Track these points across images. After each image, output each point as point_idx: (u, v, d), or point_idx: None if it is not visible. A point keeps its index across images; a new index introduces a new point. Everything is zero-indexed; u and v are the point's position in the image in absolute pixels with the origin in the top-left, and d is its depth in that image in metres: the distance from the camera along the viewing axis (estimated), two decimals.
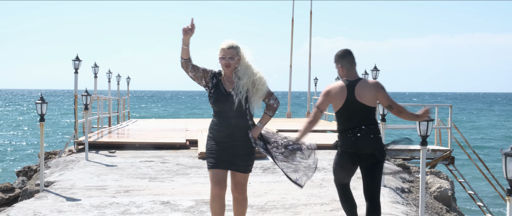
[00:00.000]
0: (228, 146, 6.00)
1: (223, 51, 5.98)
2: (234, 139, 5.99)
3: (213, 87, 6.00)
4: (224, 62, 5.97)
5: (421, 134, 7.57)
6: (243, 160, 6.02)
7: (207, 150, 6.09)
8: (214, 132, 6.04)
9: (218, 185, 5.97)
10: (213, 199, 6.03)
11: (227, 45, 5.98)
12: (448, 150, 16.63)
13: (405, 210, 9.05)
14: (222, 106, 5.96)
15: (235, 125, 5.95)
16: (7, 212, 8.71)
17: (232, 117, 5.94)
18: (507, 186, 4.95)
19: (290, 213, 8.59)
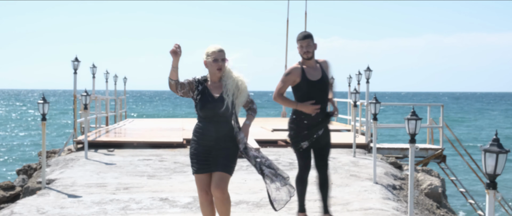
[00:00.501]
0: (213, 149, 6.08)
1: (215, 54, 6.06)
2: (220, 143, 6.07)
3: (199, 94, 6.08)
4: (218, 65, 6.06)
5: (410, 132, 7.88)
6: (225, 160, 6.07)
7: (191, 155, 6.19)
8: (200, 136, 6.10)
9: (203, 191, 6.13)
10: (202, 204, 6.20)
11: (218, 49, 6.08)
12: (440, 148, 16.96)
13: (396, 206, 9.37)
14: (209, 112, 6.05)
15: (222, 130, 6.06)
16: (11, 208, 9.02)
17: (220, 122, 6.04)
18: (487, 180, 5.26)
19: (285, 209, 8.88)
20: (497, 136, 5.07)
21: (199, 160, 6.10)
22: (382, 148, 16.61)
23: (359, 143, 15.80)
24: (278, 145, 16.50)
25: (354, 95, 15.42)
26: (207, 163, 6.07)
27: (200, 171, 6.09)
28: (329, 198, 7.64)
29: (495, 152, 4.93)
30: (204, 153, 6.07)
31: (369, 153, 15.48)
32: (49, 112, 11.24)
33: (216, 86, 6.14)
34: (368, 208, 8.97)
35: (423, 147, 17.11)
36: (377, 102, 11.11)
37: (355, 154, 14.61)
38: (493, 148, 4.95)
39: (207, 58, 6.10)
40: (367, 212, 8.72)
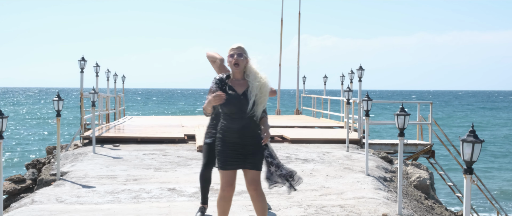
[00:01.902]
0: (239, 146, 6.19)
1: (232, 50, 6.30)
2: (245, 139, 6.20)
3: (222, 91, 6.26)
4: (233, 60, 6.26)
5: (399, 126, 8.65)
6: (253, 158, 6.21)
7: (217, 151, 6.28)
8: (225, 133, 6.23)
9: (230, 186, 6.26)
10: (224, 198, 6.30)
11: (236, 45, 6.31)
12: (429, 144, 17.75)
13: (387, 195, 10.15)
14: (234, 108, 6.19)
15: (247, 126, 6.21)
16: (31, 197, 9.75)
17: (244, 118, 6.19)
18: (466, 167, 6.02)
19: (284, 198, 9.64)
20: (474, 128, 5.84)
21: (226, 157, 6.21)
22: (374, 143, 17.38)
23: (351, 138, 16.57)
24: (275, 141, 17.25)
25: (347, 93, 16.17)
26: (235, 160, 6.21)
27: (227, 167, 6.22)
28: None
29: (471, 142, 5.70)
30: (230, 149, 6.20)
31: (361, 148, 16.26)
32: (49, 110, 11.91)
33: (240, 83, 6.31)
34: (361, 197, 9.74)
35: (412, 142, 17.90)
36: (369, 99, 11.87)
37: (348, 149, 15.40)
38: (470, 138, 5.71)
39: (228, 55, 6.36)
40: (360, 200, 9.48)
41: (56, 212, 8.60)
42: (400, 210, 8.76)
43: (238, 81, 6.34)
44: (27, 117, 70.13)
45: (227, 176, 6.23)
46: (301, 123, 22.65)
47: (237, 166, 6.23)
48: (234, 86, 6.29)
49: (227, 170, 6.22)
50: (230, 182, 6.25)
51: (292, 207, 8.92)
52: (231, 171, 6.23)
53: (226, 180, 6.24)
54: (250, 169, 6.22)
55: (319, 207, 8.95)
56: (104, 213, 8.52)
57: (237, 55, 6.28)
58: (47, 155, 16.64)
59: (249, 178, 6.24)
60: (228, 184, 6.25)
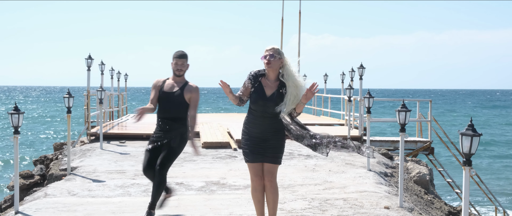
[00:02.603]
0: (261, 140, 6.61)
1: (266, 51, 6.57)
2: (266, 135, 6.61)
3: (253, 88, 6.59)
4: (266, 59, 6.53)
5: (400, 122, 8.97)
6: (272, 151, 6.61)
7: (243, 145, 6.73)
8: (249, 128, 6.67)
9: (258, 177, 6.69)
10: (255, 189, 6.73)
11: (270, 47, 6.59)
12: (428, 141, 18.08)
13: (388, 189, 10.48)
14: (260, 108, 6.56)
15: (270, 124, 6.62)
16: (45, 191, 10.08)
17: (268, 117, 6.59)
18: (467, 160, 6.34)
19: (289, 192, 9.97)
20: (472, 122, 6.17)
21: (251, 150, 6.64)
22: (374, 140, 17.70)
23: (352, 135, 16.89)
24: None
25: (348, 91, 16.50)
26: (259, 153, 6.63)
27: (253, 160, 6.66)
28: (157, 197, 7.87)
29: (470, 135, 6.02)
30: (255, 143, 6.62)
31: (362, 145, 16.56)
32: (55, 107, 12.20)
33: (271, 85, 6.59)
34: (363, 190, 10.08)
35: (412, 139, 18.23)
36: (370, 97, 12.19)
37: None
38: (468, 132, 6.04)
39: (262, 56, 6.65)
40: (362, 194, 9.81)
41: (70, 204, 8.92)
42: (401, 203, 9.08)
43: (270, 81, 6.61)
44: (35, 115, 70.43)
45: (254, 168, 6.71)
46: (302, 120, 22.86)
47: (260, 159, 6.66)
48: (264, 86, 6.60)
49: (252, 163, 6.68)
50: (257, 173, 6.71)
51: (297, 200, 9.24)
52: (257, 164, 6.68)
53: (254, 172, 6.73)
54: (269, 162, 6.66)
55: (323, 200, 9.28)
56: (115, 205, 8.84)
57: (269, 56, 6.53)
58: (54, 152, 16.95)
59: (266, 170, 6.68)
60: (256, 175, 6.72)
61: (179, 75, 7.76)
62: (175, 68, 7.73)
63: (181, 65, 7.71)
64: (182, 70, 7.74)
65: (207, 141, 15.32)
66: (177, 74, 7.76)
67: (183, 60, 7.73)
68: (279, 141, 6.68)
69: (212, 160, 13.35)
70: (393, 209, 8.77)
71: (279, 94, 6.54)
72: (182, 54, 7.73)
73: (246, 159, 6.75)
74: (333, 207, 8.77)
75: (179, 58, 7.71)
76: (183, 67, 7.74)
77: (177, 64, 7.71)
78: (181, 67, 7.72)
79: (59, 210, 8.59)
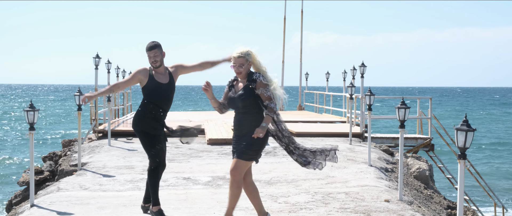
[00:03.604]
0: (238, 137, 6.98)
1: (234, 60, 6.92)
2: (242, 132, 6.96)
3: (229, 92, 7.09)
4: (235, 70, 6.95)
5: (400, 118, 9.34)
6: (243, 147, 6.87)
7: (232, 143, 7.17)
8: (233, 126, 7.12)
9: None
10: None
11: (237, 54, 6.89)
12: (428, 138, 18.45)
13: (388, 184, 10.85)
14: (232, 106, 7.04)
15: (243, 120, 6.96)
16: (57, 185, 10.46)
17: (242, 113, 6.96)
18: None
19: (292, 186, 10.35)
20: (466, 118, 6.54)
21: (232, 146, 7.12)
22: (375, 137, 18.07)
23: (353, 132, 17.26)
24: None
25: (350, 89, 16.86)
26: (234, 149, 7.04)
27: (233, 155, 7.05)
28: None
29: (464, 130, 6.39)
30: (235, 140, 7.03)
31: (363, 141, 16.95)
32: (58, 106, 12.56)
33: (241, 83, 7.02)
34: (364, 185, 10.45)
35: (412, 136, 18.60)
36: (371, 94, 12.57)
37: (351, 142, 16.11)
38: (463, 127, 6.41)
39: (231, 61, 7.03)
40: (363, 188, 10.18)
41: (83, 198, 9.31)
42: (400, 197, 9.46)
43: (243, 81, 7.03)
44: None
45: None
46: (304, 118, 23.34)
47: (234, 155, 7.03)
48: (235, 86, 7.06)
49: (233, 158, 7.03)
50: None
51: (300, 194, 9.61)
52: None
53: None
54: (235, 157, 6.97)
55: (325, 194, 9.65)
56: (126, 199, 9.22)
57: (238, 66, 6.91)
58: (62, 148, 17.33)
59: (232, 164, 6.97)
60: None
61: (157, 66, 7.65)
62: (151, 61, 7.65)
63: (154, 56, 7.60)
64: (157, 61, 7.62)
65: (212, 137, 15.70)
66: (154, 66, 7.67)
67: (155, 51, 7.60)
68: (252, 138, 6.84)
69: (218, 156, 13.72)
70: (393, 202, 9.13)
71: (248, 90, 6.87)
72: (152, 46, 7.61)
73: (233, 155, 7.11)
74: (335, 200, 9.14)
75: (150, 51, 7.61)
76: (157, 57, 7.61)
77: (150, 56, 7.62)
78: (155, 58, 7.61)
79: (73, 203, 8.97)
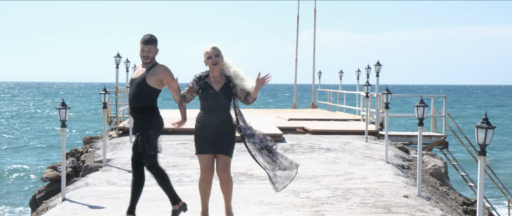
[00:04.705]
0: (215, 134, 7.05)
1: (208, 53, 7.01)
2: (221, 130, 7.06)
3: (201, 89, 7.04)
4: (212, 60, 7.00)
5: (418, 116, 9.62)
6: (227, 145, 7.08)
7: (196, 138, 7.17)
8: (204, 123, 7.07)
9: (209, 169, 7.14)
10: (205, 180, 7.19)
11: (210, 47, 7.03)
12: (443, 136, 18.68)
13: (405, 180, 11.14)
14: (211, 103, 7.01)
15: (222, 118, 7.04)
16: (85, 180, 10.81)
17: (221, 111, 7.04)
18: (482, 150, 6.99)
19: (313, 182, 10.65)
20: (486, 116, 6.82)
21: (205, 143, 7.08)
22: (390, 135, 18.31)
23: (369, 130, 17.52)
24: (297, 132, 18.26)
25: (366, 87, 17.12)
26: (214, 145, 7.05)
27: (206, 152, 7.09)
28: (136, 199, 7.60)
29: (484, 128, 6.67)
30: (210, 137, 7.05)
31: (378, 139, 17.22)
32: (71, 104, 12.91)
33: (217, 80, 7.09)
34: (382, 181, 10.74)
35: (427, 134, 18.83)
36: (388, 93, 12.83)
37: (367, 139, 16.39)
38: (483, 124, 6.69)
39: (204, 57, 7.08)
40: (382, 184, 10.47)
41: (111, 192, 9.64)
42: (419, 192, 9.74)
43: (216, 78, 7.12)
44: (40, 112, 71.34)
45: (206, 161, 7.13)
46: (318, 116, 23.60)
47: (213, 151, 7.08)
48: (212, 84, 7.09)
49: (204, 154, 7.10)
50: (208, 165, 7.15)
51: (321, 190, 9.91)
52: (208, 155, 7.11)
53: (205, 164, 7.15)
54: (224, 154, 7.10)
55: (345, 189, 9.95)
56: (153, 193, 9.55)
57: (214, 56, 7.03)
58: (84, 145, 17.69)
59: (222, 162, 7.12)
60: (206, 167, 7.15)
61: (147, 62, 7.21)
62: (142, 55, 7.19)
63: (147, 51, 7.15)
64: (148, 56, 7.16)
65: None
66: (144, 61, 7.23)
67: (150, 46, 7.15)
68: (232, 136, 7.14)
69: (237, 153, 13.96)
70: (412, 198, 9.42)
71: (228, 88, 7.06)
72: (148, 39, 7.16)
73: (199, 151, 7.13)
74: (355, 196, 9.44)
75: (145, 44, 7.15)
76: (150, 53, 7.16)
77: (144, 50, 7.16)
78: (148, 54, 7.15)
79: (102, 197, 9.30)
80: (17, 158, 31.24)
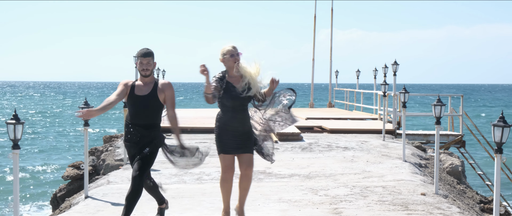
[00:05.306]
0: (240, 133, 7.12)
1: (230, 52, 7.10)
2: (245, 128, 7.16)
3: (222, 89, 7.06)
4: (234, 58, 7.08)
5: (436, 115, 9.72)
6: (250, 143, 7.23)
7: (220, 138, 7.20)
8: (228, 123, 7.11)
9: (231, 168, 7.25)
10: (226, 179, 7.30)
11: (231, 46, 7.13)
12: (460, 134, 18.73)
13: (423, 179, 11.24)
14: (237, 103, 7.07)
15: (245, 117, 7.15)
16: (107, 178, 11.01)
17: (244, 110, 7.14)
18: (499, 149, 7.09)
19: (331, 180, 10.77)
20: (503, 114, 6.92)
21: (229, 143, 7.15)
22: (407, 134, 18.38)
23: (387, 129, 17.61)
24: (315, 131, 18.40)
25: (383, 86, 17.21)
26: (238, 145, 7.15)
27: (230, 152, 7.18)
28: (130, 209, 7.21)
29: (501, 126, 6.78)
30: (235, 136, 7.12)
31: (395, 138, 17.30)
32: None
33: (236, 79, 7.14)
34: (400, 179, 10.85)
35: (444, 133, 18.89)
36: (406, 92, 12.93)
37: (384, 138, 16.48)
38: (500, 123, 6.80)
39: (223, 56, 7.14)
40: (399, 182, 10.58)
41: None
42: (436, 190, 9.84)
43: (234, 78, 7.17)
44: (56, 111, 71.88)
45: (229, 160, 7.22)
46: (335, 115, 23.71)
47: (238, 151, 7.18)
48: (233, 83, 7.14)
49: (228, 154, 7.18)
50: (231, 165, 7.24)
51: (339, 187, 10.04)
52: (232, 156, 7.21)
53: (228, 164, 7.23)
54: (248, 153, 7.25)
55: (363, 187, 10.07)
56: (174, 191, 9.72)
57: (236, 55, 7.11)
58: (104, 144, 17.91)
59: (246, 160, 7.25)
60: (229, 166, 7.24)
61: (146, 75, 7.13)
62: (141, 68, 7.11)
63: (146, 64, 7.10)
64: (148, 69, 7.11)
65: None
66: (144, 74, 7.14)
67: (149, 59, 7.10)
68: (252, 134, 7.27)
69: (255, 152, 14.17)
70: (429, 196, 9.52)
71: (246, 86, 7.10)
72: (146, 52, 7.11)
73: (223, 151, 7.19)
74: (373, 194, 9.56)
75: (143, 57, 7.09)
76: (149, 66, 7.11)
77: (142, 63, 7.10)
78: (147, 66, 7.09)
79: (124, 195, 9.40)
80: (38, 158, 31.61)
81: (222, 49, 7.15)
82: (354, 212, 8.36)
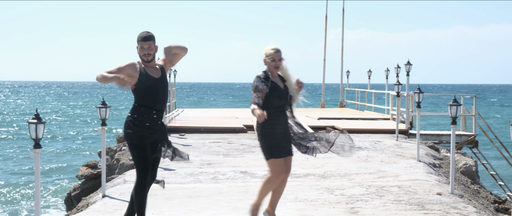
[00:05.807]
0: (284, 135, 6.97)
1: (272, 55, 6.89)
2: (286, 129, 7.00)
3: (268, 90, 6.84)
4: (275, 64, 6.90)
5: (452, 115, 9.73)
6: (290, 145, 7.06)
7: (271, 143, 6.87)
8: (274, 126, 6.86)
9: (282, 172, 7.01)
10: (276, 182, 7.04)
11: (275, 49, 6.92)
12: (473, 135, 18.71)
13: (437, 178, 11.24)
14: (281, 104, 6.92)
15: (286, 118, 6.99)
16: (123, 178, 11.08)
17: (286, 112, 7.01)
18: None
19: (346, 180, 10.80)
20: None
21: (280, 146, 6.92)
22: (421, 134, 18.39)
23: (400, 129, 17.62)
24: (327, 131, 18.40)
25: (397, 87, 17.22)
26: (286, 148, 7.00)
27: (283, 155, 6.95)
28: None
29: None
30: (282, 139, 6.94)
31: (408, 138, 17.30)
32: None
33: (278, 80, 7.00)
34: (415, 179, 10.86)
35: (457, 133, 18.87)
36: (420, 92, 12.94)
37: (397, 138, 16.49)
38: None
39: (266, 58, 6.94)
40: (414, 182, 10.59)
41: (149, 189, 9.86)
42: (452, 190, 9.85)
43: (277, 79, 7.03)
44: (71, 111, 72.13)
45: (282, 164, 6.97)
46: (347, 115, 23.73)
47: (287, 154, 7.01)
48: (278, 83, 6.98)
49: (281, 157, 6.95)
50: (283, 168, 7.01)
51: (354, 187, 10.07)
52: (284, 159, 6.99)
53: (281, 168, 6.98)
54: (291, 155, 7.11)
55: (378, 187, 10.09)
56: (190, 191, 9.77)
57: (278, 60, 6.92)
58: (117, 143, 18.00)
59: (288, 163, 7.07)
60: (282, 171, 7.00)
61: (148, 60, 6.72)
62: (142, 53, 6.71)
63: (147, 48, 6.69)
64: (150, 54, 6.69)
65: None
66: (146, 60, 6.72)
67: (150, 43, 6.70)
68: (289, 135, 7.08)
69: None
70: (445, 195, 9.54)
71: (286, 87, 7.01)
72: (147, 36, 6.72)
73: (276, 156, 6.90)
74: (389, 193, 9.58)
75: (144, 41, 6.69)
76: (151, 50, 6.70)
77: (143, 47, 6.70)
78: (148, 51, 6.68)
79: None
80: (52, 157, 31.77)
81: (265, 50, 6.96)
82: (371, 211, 8.39)
